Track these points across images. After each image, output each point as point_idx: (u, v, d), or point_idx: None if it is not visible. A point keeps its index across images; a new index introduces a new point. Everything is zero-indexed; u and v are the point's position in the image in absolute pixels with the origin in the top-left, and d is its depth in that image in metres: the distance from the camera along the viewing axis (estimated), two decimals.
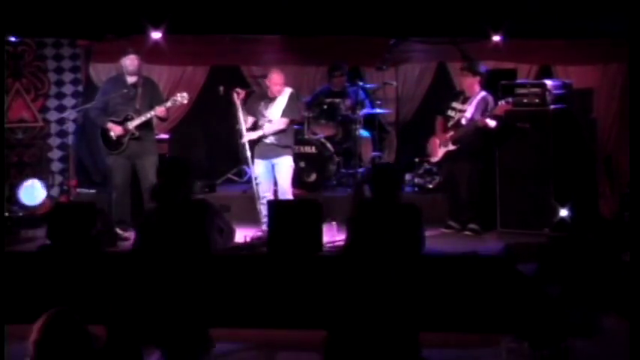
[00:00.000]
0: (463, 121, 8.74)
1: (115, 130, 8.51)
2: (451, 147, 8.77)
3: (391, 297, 3.69)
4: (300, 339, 6.87)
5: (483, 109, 8.65)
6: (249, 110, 8.80)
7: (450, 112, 8.87)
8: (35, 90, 9.73)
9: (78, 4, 8.04)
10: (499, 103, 8.56)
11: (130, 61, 8.55)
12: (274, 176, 8.66)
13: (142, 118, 8.48)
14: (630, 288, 6.17)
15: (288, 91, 8.75)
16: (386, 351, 3.33)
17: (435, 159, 9.06)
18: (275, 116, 8.65)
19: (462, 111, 8.78)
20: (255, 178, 8.83)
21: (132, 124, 8.48)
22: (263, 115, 8.70)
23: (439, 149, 8.90)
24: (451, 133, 8.78)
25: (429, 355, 3.76)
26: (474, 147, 8.69)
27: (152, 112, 8.49)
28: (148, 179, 8.56)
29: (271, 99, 8.69)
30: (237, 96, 8.72)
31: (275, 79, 8.63)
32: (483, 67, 9.00)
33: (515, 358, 6.28)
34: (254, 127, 8.77)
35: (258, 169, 8.73)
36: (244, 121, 8.69)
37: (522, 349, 6.17)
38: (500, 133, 8.72)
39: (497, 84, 8.84)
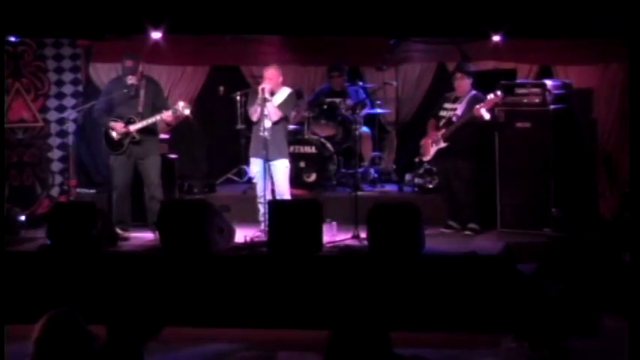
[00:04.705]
0: (454, 119, 8.77)
1: (117, 128, 8.50)
2: (442, 144, 8.80)
3: None
4: (300, 339, 6.88)
5: (474, 106, 8.66)
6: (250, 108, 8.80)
7: (442, 113, 8.92)
8: (35, 90, 9.72)
9: (78, 4, 8.05)
10: (488, 97, 8.57)
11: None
12: (271, 176, 8.61)
13: (144, 123, 8.47)
14: (630, 288, 6.17)
15: (287, 90, 8.73)
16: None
17: (427, 158, 9.10)
18: (270, 108, 8.52)
19: (454, 109, 8.81)
20: (252, 178, 8.81)
21: (134, 127, 8.48)
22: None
23: (431, 148, 8.93)
24: (443, 130, 8.81)
25: (428, 355, 3.76)
26: (465, 145, 8.72)
27: (158, 117, 8.49)
28: (150, 179, 8.59)
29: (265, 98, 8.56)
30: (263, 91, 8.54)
31: (268, 73, 8.60)
32: (472, 67, 9.07)
33: (515, 358, 6.28)
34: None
35: (254, 168, 8.72)
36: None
37: (522, 349, 6.18)
38: (491, 129, 8.74)
39: (497, 84, 8.84)
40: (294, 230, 7.73)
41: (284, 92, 8.70)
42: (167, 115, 8.51)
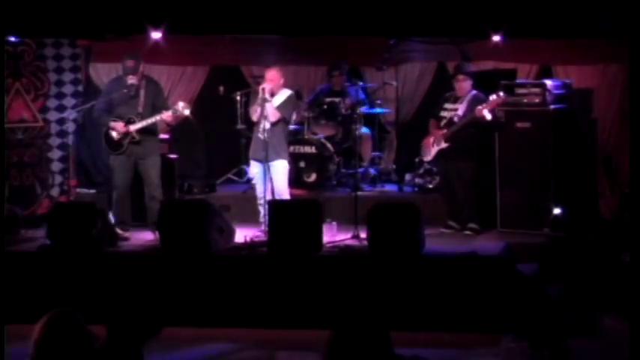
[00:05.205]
0: (455, 119, 8.77)
1: (117, 128, 8.50)
2: (443, 145, 8.80)
3: None
4: (300, 339, 6.88)
5: (475, 106, 8.66)
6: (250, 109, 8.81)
7: (443, 113, 8.91)
8: (35, 90, 9.72)
9: (78, 4, 8.05)
10: (490, 97, 8.57)
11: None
12: (271, 177, 8.60)
13: (144, 123, 8.47)
14: (630, 288, 6.18)
15: (287, 92, 8.74)
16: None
17: (428, 158, 9.10)
18: (269, 109, 8.53)
19: (454, 110, 8.81)
20: (251, 179, 8.82)
21: (134, 127, 8.47)
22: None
23: (432, 148, 8.93)
24: (444, 131, 8.81)
25: (428, 355, 3.76)
26: (466, 145, 8.72)
27: (158, 117, 8.49)
28: (150, 179, 8.59)
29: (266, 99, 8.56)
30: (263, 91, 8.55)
31: (269, 75, 8.61)
32: (472, 67, 9.11)
33: (515, 358, 6.28)
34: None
35: (253, 169, 8.75)
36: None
37: (522, 349, 6.17)
38: (492, 129, 8.74)
39: (497, 84, 8.84)
40: (294, 230, 7.73)
41: (284, 94, 8.70)
42: (167, 115, 8.52)
